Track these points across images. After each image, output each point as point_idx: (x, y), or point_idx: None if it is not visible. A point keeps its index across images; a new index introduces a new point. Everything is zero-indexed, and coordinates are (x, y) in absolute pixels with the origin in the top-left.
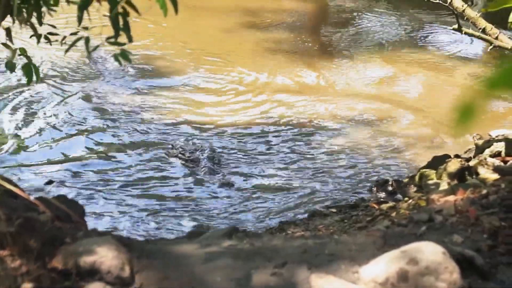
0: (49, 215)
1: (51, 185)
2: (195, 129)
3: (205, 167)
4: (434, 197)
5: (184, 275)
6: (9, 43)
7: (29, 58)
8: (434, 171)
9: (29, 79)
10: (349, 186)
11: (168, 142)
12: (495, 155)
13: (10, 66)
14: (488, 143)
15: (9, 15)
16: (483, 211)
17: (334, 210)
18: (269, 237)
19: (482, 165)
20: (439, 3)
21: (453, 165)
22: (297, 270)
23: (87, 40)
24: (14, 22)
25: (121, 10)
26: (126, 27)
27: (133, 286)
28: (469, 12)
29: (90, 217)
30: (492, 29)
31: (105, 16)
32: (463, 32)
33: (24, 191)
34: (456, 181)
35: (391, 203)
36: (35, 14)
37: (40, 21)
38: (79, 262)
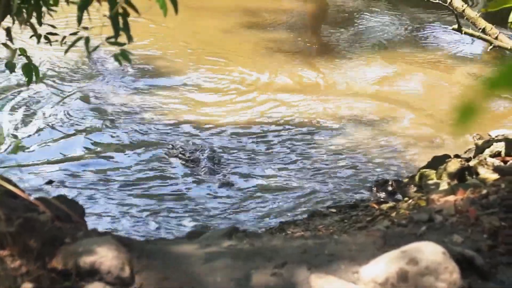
0: (49, 215)
1: (51, 185)
2: (195, 129)
3: (205, 167)
4: (434, 197)
5: (184, 275)
6: (9, 43)
7: (29, 58)
8: (434, 171)
9: (29, 80)
10: (349, 186)
11: (168, 142)
12: (495, 155)
13: (10, 66)
14: (488, 143)
15: (9, 15)
16: (483, 211)
17: (334, 210)
18: (269, 237)
19: (482, 165)
20: (438, 3)
21: (453, 165)
22: (297, 270)
23: (87, 40)
24: (14, 22)
25: (121, 10)
26: (126, 27)
27: (133, 286)
28: (469, 12)
29: (90, 217)
30: (492, 29)
31: (105, 16)
32: (463, 32)
33: (24, 191)
34: (456, 181)
35: (391, 203)
36: (35, 14)
37: (39, 21)
38: (79, 262)
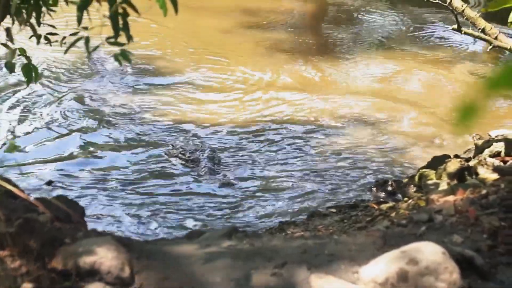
0: (48, 215)
1: (50, 186)
2: (195, 129)
3: (205, 167)
4: (433, 197)
5: (184, 275)
6: (9, 44)
7: (28, 58)
8: (433, 171)
9: (29, 80)
10: (349, 186)
11: (168, 142)
12: (494, 155)
13: (9, 66)
14: (487, 143)
15: (8, 15)
16: (482, 211)
17: (333, 210)
18: (269, 237)
19: (481, 165)
20: (438, 2)
21: (453, 165)
22: (297, 270)
23: (87, 40)
24: (13, 22)
25: (120, 10)
26: (125, 27)
27: (133, 286)
28: (469, 12)
29: (90, 218)
30: (491, 29)
31: (104, 16)
32: (463, 32)
33: (23, 191)
34: (455, 181)
35: (390, 203)
36: (34, 14)
37: (39, 22)
38: (79, 262)
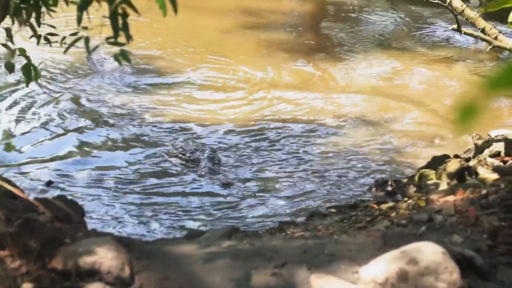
0: (48, 215)
1: (50, 186)
2: (196, 129)
3: (205, 167)
4: (433, 197)
5: (184, 275)
6: (9, 44)
7: (28, 58)
8: (433, 171)
9: (28, 80)
10: (349, 186)
11: (168, 142)
12: (494, 155)
13: (9, 66)
14: (487, 143)
15: (8, 16)
16: (482, 211)
17: (333, 210)
18: (269, 237)
19: (481, 165)
20: (438, 2)
21: (453, 165)
22: (297, 270)
23: (87, 40)
24: (13, 22)
25: (120, 10)
26: (125, 27)
27: (133, 286)
28: (468, 12)
29: (89, 218)
30: (491, 29)
31: (104, 17)
32: (463, 32)
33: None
34: (455, 181)
35: (390, 203)
36: (34, 14)
37: (38, 22)
38: (79, 262)
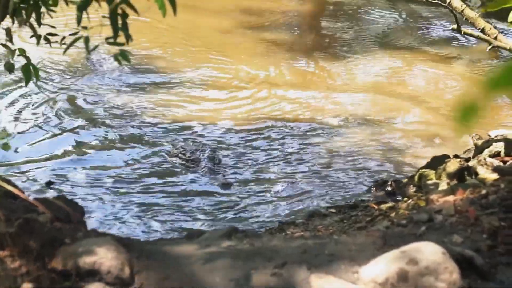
0: (48, 216)
1: (50, 186)
2: (196, 129)
3: (205, 167)
4: (433, 197)
5: (184, 275)
6: (9, 44)
7: (28, 58)
8: (433, 171)
9: (28, 80)
10: (349, 186)
11: (168, 141)
12: (494, 155)
13: (9, 66)
14: (487, 143)
15: (8, 15)
16: (482, 211)
17: (333, 210)
18: (269, 238)
19: (481, 165)
20: (438, 2)
21: (453, 165)
22: (297, 270)
23: (87, 39)
24: (13, 22)
25: (120, 10)
26: (124, 27)
27: (133, 286)
28: (468, 12)
29: (89, 218)
30: (491, 29)
31: (104, 17)
32: (462, 32)
33: (23, 191)
34: (455, 181)
35: (390, 203)
36: (34, 14)
37: (39, 22)
38: (78, 262)
